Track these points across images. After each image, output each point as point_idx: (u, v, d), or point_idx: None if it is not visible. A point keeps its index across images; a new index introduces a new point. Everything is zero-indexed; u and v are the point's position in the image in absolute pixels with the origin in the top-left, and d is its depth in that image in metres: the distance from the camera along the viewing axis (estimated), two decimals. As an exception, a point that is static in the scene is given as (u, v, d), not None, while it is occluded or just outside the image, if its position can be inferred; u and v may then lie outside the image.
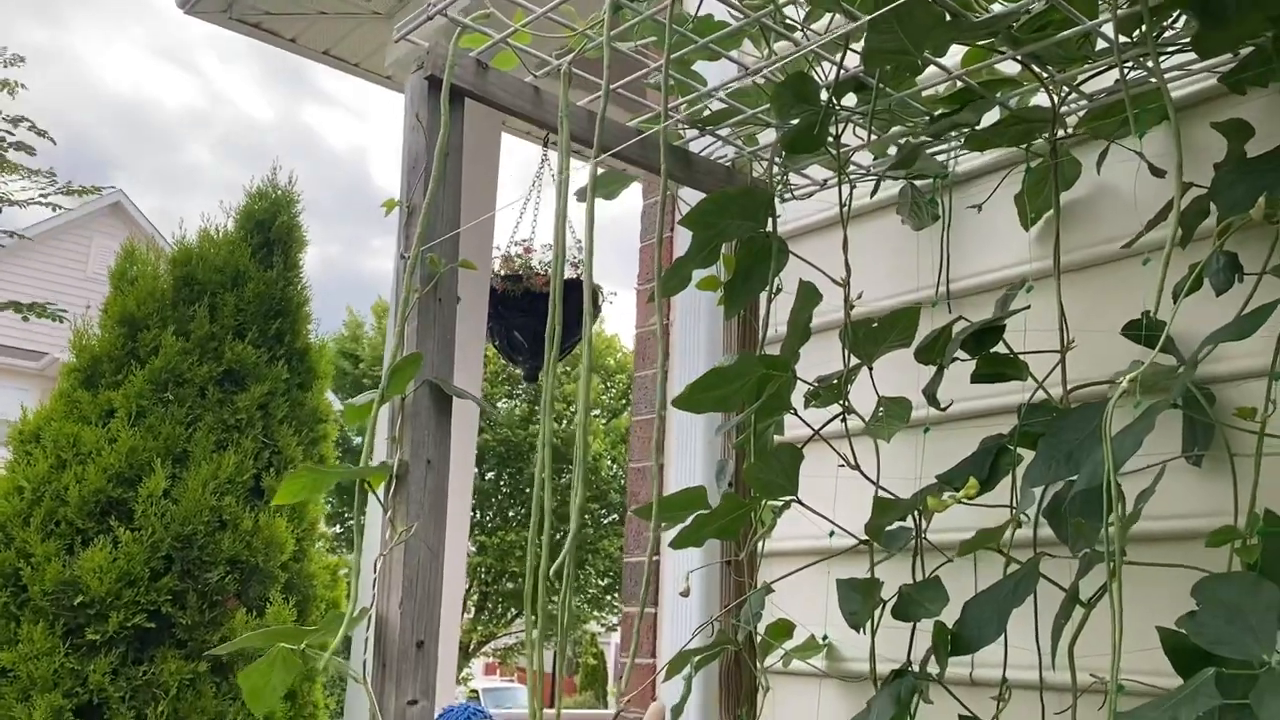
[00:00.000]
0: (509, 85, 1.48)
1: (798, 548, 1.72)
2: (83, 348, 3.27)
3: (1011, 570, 1.29)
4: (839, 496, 1.58)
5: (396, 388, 1.31)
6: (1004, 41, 1.33)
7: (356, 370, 16.50)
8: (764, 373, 1.41)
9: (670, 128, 1.72)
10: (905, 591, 1.38)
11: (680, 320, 2.21)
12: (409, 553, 1.30)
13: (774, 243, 1.50)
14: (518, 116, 1.50)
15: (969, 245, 1.73)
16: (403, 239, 1.41)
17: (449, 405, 1.38)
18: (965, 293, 1.70)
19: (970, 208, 1.63)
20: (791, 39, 1.41)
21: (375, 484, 1.26)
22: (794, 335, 1.44)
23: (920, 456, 1.57)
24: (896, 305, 1.77)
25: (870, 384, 1.49)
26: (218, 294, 3.30)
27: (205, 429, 3.16)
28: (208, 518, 3.06)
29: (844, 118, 1.55)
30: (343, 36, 3.88)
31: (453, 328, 1.40)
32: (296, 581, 3.26)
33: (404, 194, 1.43)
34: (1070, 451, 1.19)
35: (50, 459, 3.09)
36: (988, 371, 1.43)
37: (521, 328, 3.48)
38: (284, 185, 3.56)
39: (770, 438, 1.60)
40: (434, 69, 1.41)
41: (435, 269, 1.37)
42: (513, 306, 3.43)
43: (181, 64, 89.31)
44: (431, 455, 1.35)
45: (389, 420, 1.36)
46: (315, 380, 3.46)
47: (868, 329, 1.51)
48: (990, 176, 1.70)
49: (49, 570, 2.92)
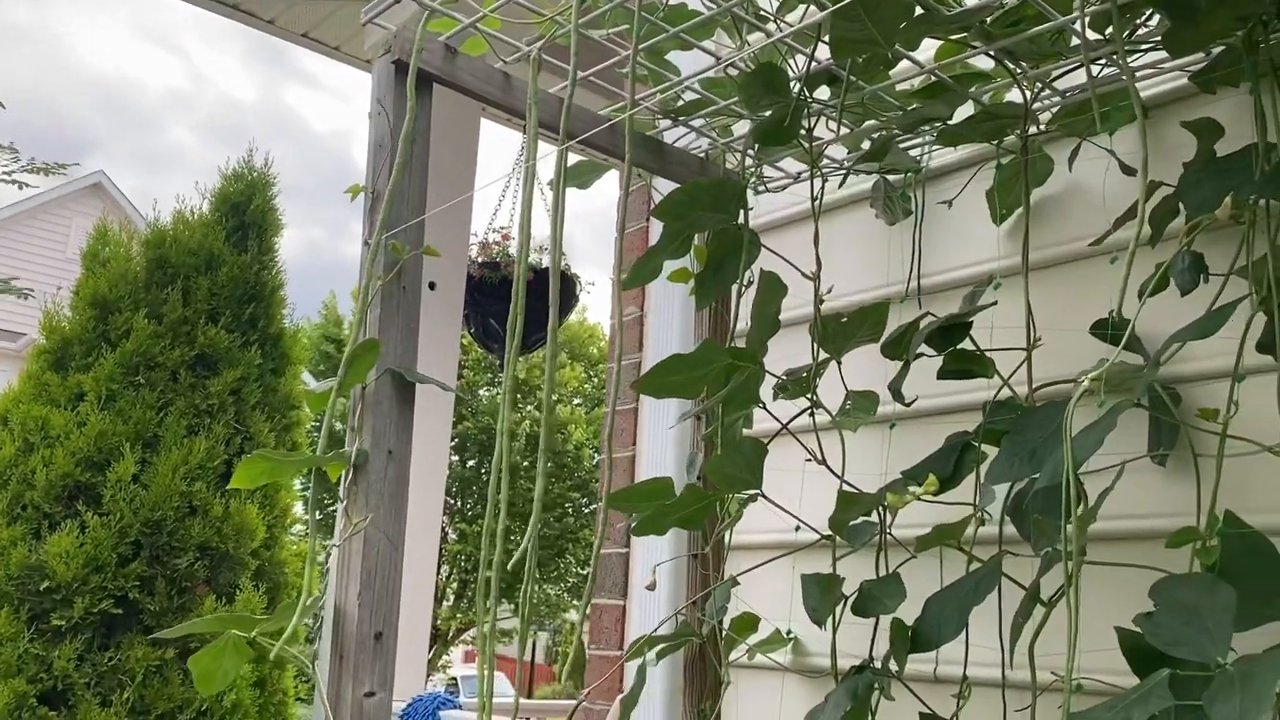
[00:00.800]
0: (478, 71, 1.46)
1: (764, 541, 1.71)
2: (53, 329, 3.23)
3: (974, 568, 1.28)
4: (805, 491, 1.57)
5: (356, 376, 1.29)
6: (976, 36, 1.32)
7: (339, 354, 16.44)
8: (730, 363, 1.40)
9: (643, 117, 1.70)
10: (865, 588, 1.37)
11: (655, 310, 2.20)
12: (368, 543, 1.29)
13: (745, 235, 1.48)
14: (487, 103, 1.49)
15: (941, 241, 1.72)
16: (367, 225, 1.39)
17: (412, 394, 1.36)
18: (937, 289, 1.69)
19: (941, 203, 1.62)
20: (764, 29, 1.40)
21: (333, 473, 1.24)
22: (760, 327, 1.43)
23: (886, 452, 1.56)
24: (867, 300, 1.76)
25: (839, 378, 1.48)
26: (191, 277, 3.27)
27: (176, 414, 3.13)
28: (178, 503, 3.04)
29: (816, 111, 1.54)
30: (322, 19, 3.85)
31: (416, 315, 1.39)
32: (267, 569, 3.24)
33: (369, 179, 1.41)
34: (1034, 450, 1.19)
35: (18, 442, 3.06)
36: (954, 368, 1.42)
37: (498, 315, 3.47)
38: (260, 167, 3.52)
39: (738, 430, 1.59)
40: (401, 53, 1.39)
41: (398, 255, 1.36)
42: (490, 294, 3.42)
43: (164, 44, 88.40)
44: (393, 445, 1.34)
45: (330, 408, 1.35)
46: (289, 366, 3.44)
47: (837, 324, 1.50)
48: (963, 172, 1.69)
49: (14, 555, 2.89)
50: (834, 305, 1.60)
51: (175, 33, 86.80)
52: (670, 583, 1.87)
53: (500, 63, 1.49)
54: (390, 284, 1.35)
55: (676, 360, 1.36)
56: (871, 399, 1.53)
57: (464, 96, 1.50)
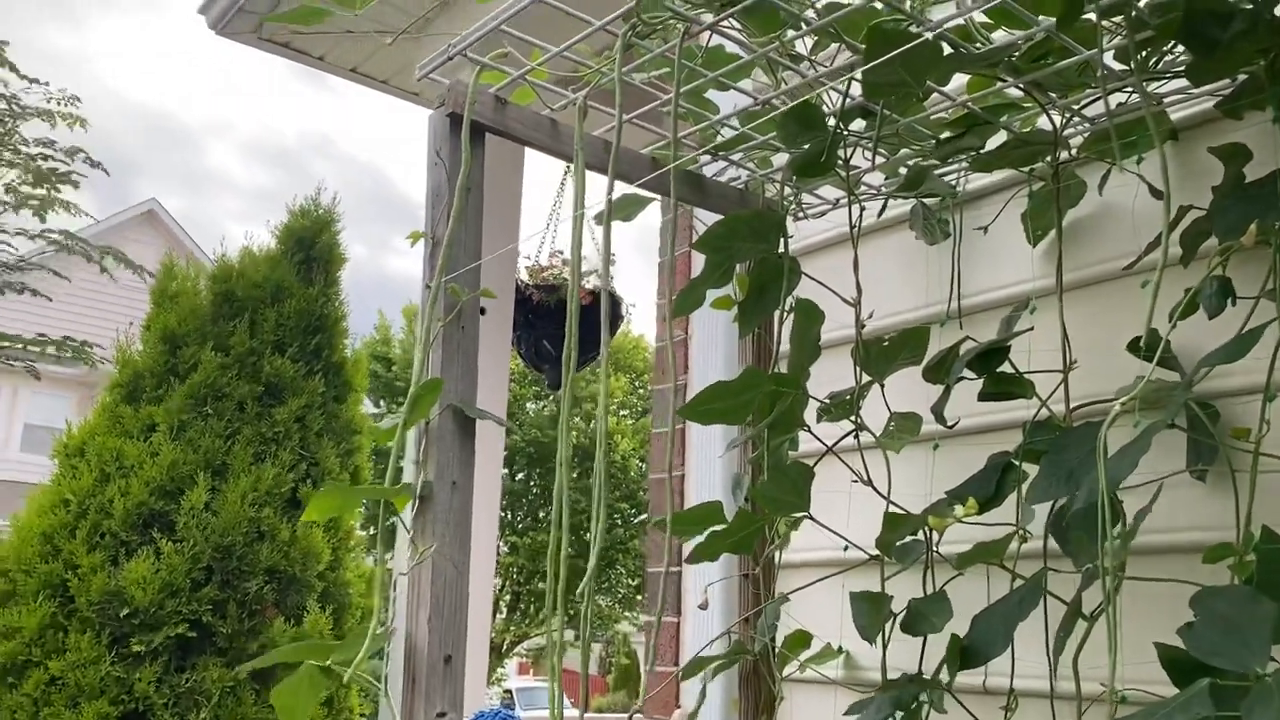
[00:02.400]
0: (527, 119, 1.54)
1: (813, 559, 1.76)
2: (125, 363, 3.37)
3: (1018, 585, 1.33)
4: (853, 510, 1.62)
5: (420, 413, 1.37)
6: (1005, 71, 1.37)
7: (389, 373, 16.66)
8: (773, 389, 1.46)
9: (683, 153, 1.77)
10: (914, 606, 1.42)
11: (698, 335, 2.26)
12: (435, 571, 1.36)
13: (786, 263, 1.54)
14: (536, 148, 1.56)
15: (977, 262, 1.76)
16: (427, 270, 1.47)
17: (472, 428, 1.44)
18: (973, 310, 1.74)
19: (977, 229, 1.67)
20: (798, 70, 1.46)
21: (400, 505, 1.32)
22: (802, 352, 1.48)
23: (931, 472, 1.61)
24: (906, 321, 1.82)
25: (882, 400, 1.54)
26: (258, 310, 3.40)
27: (244, 442, 3.26)
28: (246, 529, 3.15)
29: (852, 142, 1.60)
30: (370, 55, 3.96)
31: (475, 354, 1.46)
32: (332, 590, 3.35)
33: (428, 226, 1.49)
34: (1071, 470, 1.23)
35: (95, 472, 3.20)
36: (994, 390, 1.47)
37: (551, 337, 3.54)
38: (326, 205, 3.65)
39: (784, 454, 1.64)
40: (455, 106, 1.48)
41: (457, 298, 1.43)
42: (544, 316, 3.49)
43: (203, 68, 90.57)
44: (456, 477, 1.41)
45: (415, 441, 1.43)
46: (351, 393, 3.55)
47: (879, 347, 1.56)
48: (997, 195, 1.73)
49: (95, 581, 3.02)
50: (874, 326, 1.66)
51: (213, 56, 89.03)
52: (722, 600, 1.93)
53: (547, 110, 1.57)
54: (450, 325, 1.43)
55: (719, 387, 1.42)
56: (914, 420, 1.58)
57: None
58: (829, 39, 1.47)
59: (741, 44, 1.39)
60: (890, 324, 1.83)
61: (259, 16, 3.73)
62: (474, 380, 1.45)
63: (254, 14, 3.71)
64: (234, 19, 3.74)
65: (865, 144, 1.62)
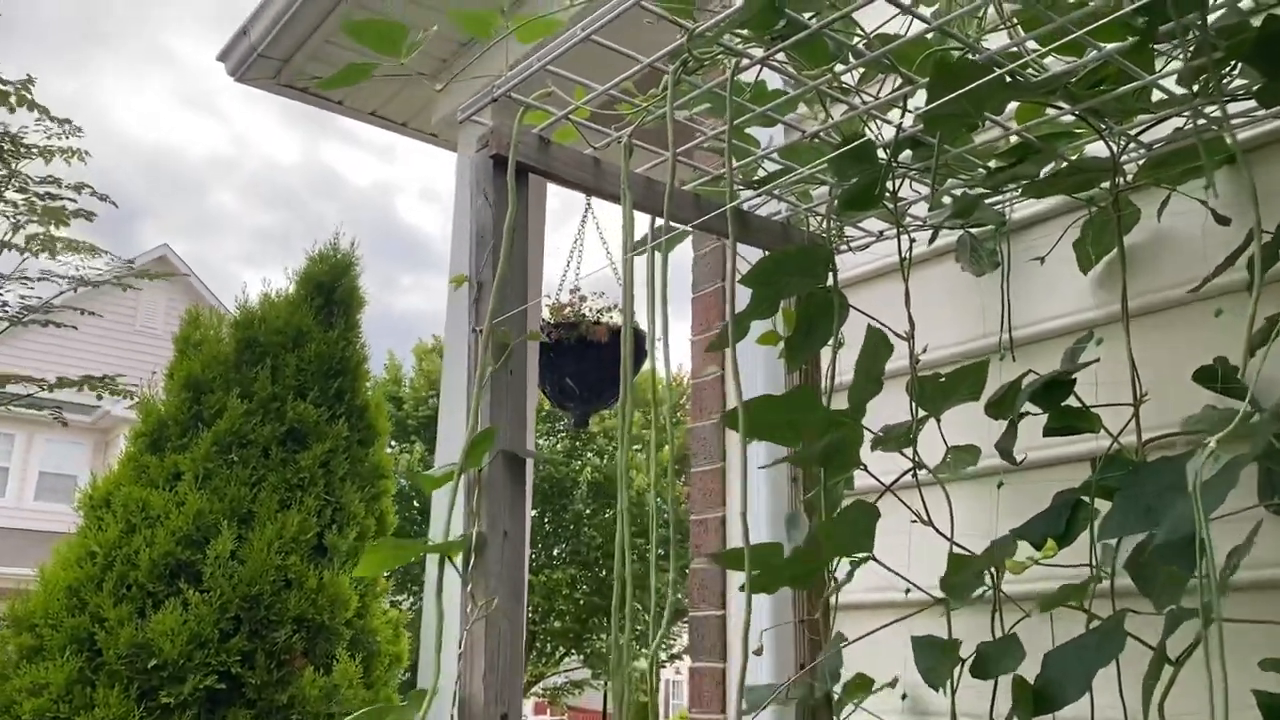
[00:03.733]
0: (570, 159, 1.52)
1: (871, 600, 1.71)
2: (149, 412, 3.35)
3: (1094, 626, 1.28)
4: (913, 551, 1.57)
5: (474, 460, 1.33)
6: (1062, 98, 1.34)
7: (400, 412, 16.64)
8: (828, 417, 1.43)
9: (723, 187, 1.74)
10: (983, 649, 1.37)
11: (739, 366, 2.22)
12: (490, 626, 1.32)
13: (835, 298, 1.51)
14: (581, 189, 1.54)
15: (1028, 293, 1.73)
16: (473, 314, 1.44)
17: (523, 474, 1.40)
18: (1026, 341, 1.70)
19: (1033, 260, 1.63)
20: (848, 101, 1.44)
21: (455, 556, 1.28)
22: (866, 385, 1.44)
23: (994, 510, 1.56)
24: (955, 355, 1.78)
25: (939, 435, 1.50)
26: (279, 355, 3.38)
27: (269, 489, 3.22)
28: (273, 577, 3.11)
29: (900, 174, 1.57)
30: (389, 98, 3.97)
31: (524, 398, 1.43)
32: (361, 637, 3.30)
33: (472, 270, 1.46)
34: (1149, 506, 1.18)
35: (120, 524, 3.16)
36: (1059, 425, 1.42)
37: (574, 375, 3.51)
38: (345, 249, 3.64)
39: (839, 492, 1.61)
40: (499, 148, 1.45)
41: (506, 342, 1.40)
42: (566, 354, 3.46)
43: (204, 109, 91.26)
44: (508, 526, 1.37)
45: (463, 489, 1.39)
46: (375, 436, 3.52)
47: (935, 383, 1.52)
48: (1048, 224, 1.70)
49: (122, 634, 2.98)
50: (926, 360, 1.62)
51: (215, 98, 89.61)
52: (773, 646, 1.88)
53: (589, 149, 1.54)
54: (499, 370, 1.40)
55: (771, 400, 1.37)
56: (972, 452, 1.55)
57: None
58: (877, 70, 1.45)
59: (792, 76, 1.36)
60: (937, 357, 1.79)
61: (278, 62, 3.74)
62: (524, 424, 1.42)
63: (274, 60, 3.72)
64: (253, 65, 3.75)
65: (913, 175, 1.59)
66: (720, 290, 2.33)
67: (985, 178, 1.54)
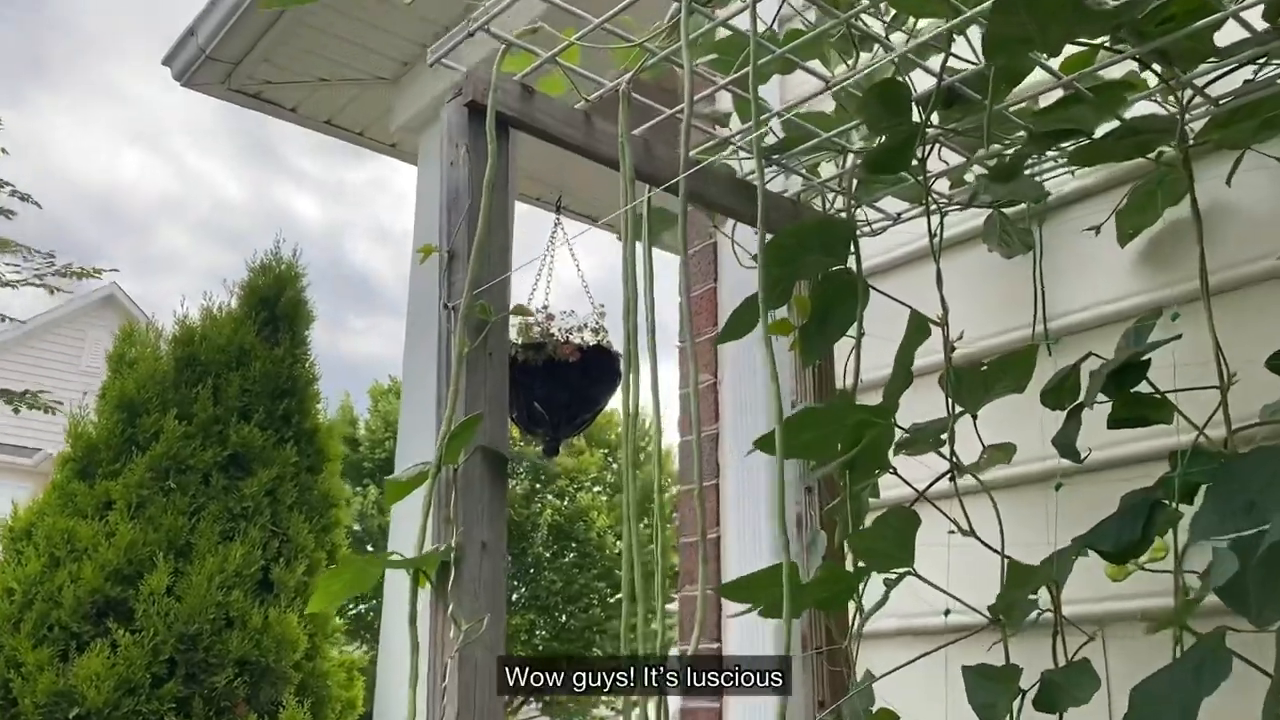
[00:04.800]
0: (557, 112, 1.32)
1: (898, 627, 1.51)
2: (78, 436, 3.06)
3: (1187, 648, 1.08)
4: (951, 567, 1.37)
5: (452, 456, 1.11)
6: (1129, 35, 1.17)
7: (356, 455, 16.20)
8: (863, 419, 1.23)
9: (728, 159, 1.55)
10: (1050, 678, 1.16)
11: (729, 378, 2.02)
12: (464, 658, 1.09)
13: (859, 281, 1.32)
14: (568, 147, 1.33)
15: (1066, 276, 1.55)
16: (444, 287, 1.23)
17: (504, 474, 1.18)
18: (1066, 331, 1.52)
19: (1087, 230, 1.45)
20: (883, 41, 1.25)
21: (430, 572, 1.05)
22: (900, 376, 1.25)
23: (1050, 517, 1.36)
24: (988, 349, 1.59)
25: (975, 435, 1.31)
26: (221, 374, 3.11)
27: (209, 519, 2.95)
28: (213, 615, 2.83)
29: (931, 138, 1.39)
30: (345, 105, 3.76)
31: (505, 384, 1.21)
32: (310, 682, 3.01)
33: (443, 238, 1.25)
34: (1251, 501, 0.99)
35: (43, 557, 2.87)
36: (1127, 415, 1.23)
37: (543, 398, 3.29)
38: (288, 258, 3.39)
39: (865, 501, 1.40)
40: (475, 94, 1.24)
41: (485, 318, 1.19)
42: (534, 376, 3.24)
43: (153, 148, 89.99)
44: (486, 536, 1.15)
45: (426, 497, 1.16)
46: (326, 463, 3.25)
47: (974, 373, 1.32)
48: (1087, 202, 1.53)
49: (41, 681, 2.67)
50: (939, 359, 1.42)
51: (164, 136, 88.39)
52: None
53: (580, 103, 1.34)
54: (476, 351, 1.18)
55: (809, 416, 1.18)
56: (1007, 449, 1.36)
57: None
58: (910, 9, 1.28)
59: (822, 7, 1.18)
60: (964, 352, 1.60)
61: (228, 65, 3.52)
62: (503, 417, 1.20)
63: (222, 62, 3.50)
64: (201, 69, 3.53)
65: (945, 140, 1.41)
66: (713, 291, 2.13)
67: (1028, 140, 1.36)
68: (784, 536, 1.04)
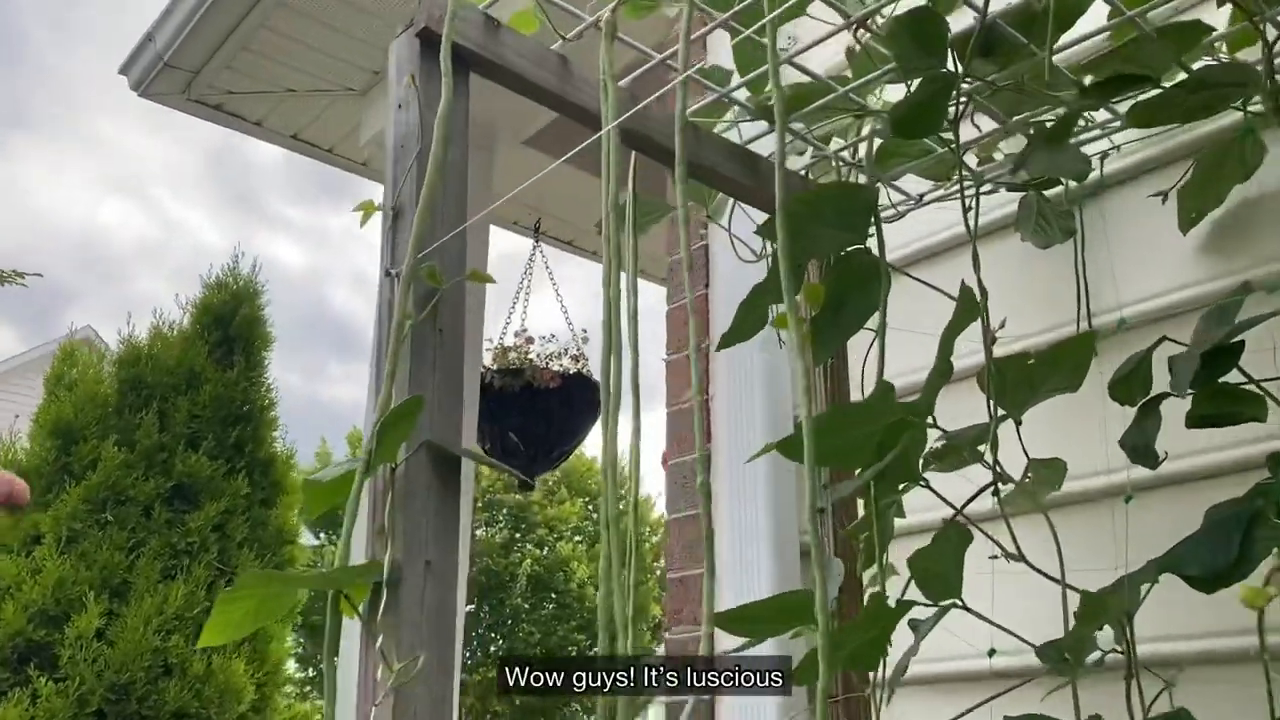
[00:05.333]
0: (528, 51, 1.11)
1: (929, 673, 1.28)
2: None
3: None
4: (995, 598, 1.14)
5: (386, 452, 0.88)
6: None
7: (331, 502, 15.82)
8: (902, 420, 1.02)
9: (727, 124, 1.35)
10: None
11: (726, 390, 1.80)
12: (402, 701, 0.86)
13: (882, 265, 1.12)
14: (540, 94, 1.12)
15: (1119, 264, 1.35)
16: (388, 251, 1.01)
17: (457, 479, 0.96)
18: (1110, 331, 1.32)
19: (1153, 195, 1.25)
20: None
21: (358, 596, 0.82)
22: (941, 368, 1.04)
23: (1121, 537, 1.14)
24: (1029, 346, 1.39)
25: (1017, 443, 1.09)
26: (169, 398, 2.87)
27: (150, 555, 2.69)
28: (149, 662, 2.56)
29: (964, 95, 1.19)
30: (314, 118, 3.56)
31: (459, 367, 0.99)
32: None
33: (389, 193, 1.04)
34: (1390, 511, 0.78)
35: (-40, 597, 2.60)
36: (1213, 412, 1.02)
37: (519, 428, 3.06)
38: (246, 274, 3.16)
39: (891, 522, 1.19)
40: (429, 21, 1.04)
41: (435, 284, 0.97)
42: (510, 405, 3.02)
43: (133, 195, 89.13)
44: (433, 554, 0.92)
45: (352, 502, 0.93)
46: (280, 495, 3.00)
47: (1021, 367, 1.11)
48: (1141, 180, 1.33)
49: (-51, 735, 2.40)
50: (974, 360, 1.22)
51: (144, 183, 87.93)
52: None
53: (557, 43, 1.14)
54: (424, 324, 0.96)
55: (839, 415, 0.97)
56: (1057, 468, 1.15)
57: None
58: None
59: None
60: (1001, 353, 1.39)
61: (187, 74, 3.32)
62: (458, 406, 0.98)
63: (182, 70, 3.30)
64: (159, 77, 3.33)
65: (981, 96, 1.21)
66: (704, 299, 1.92)
67: (1080, 95, 1.16)
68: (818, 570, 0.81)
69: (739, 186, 1.32)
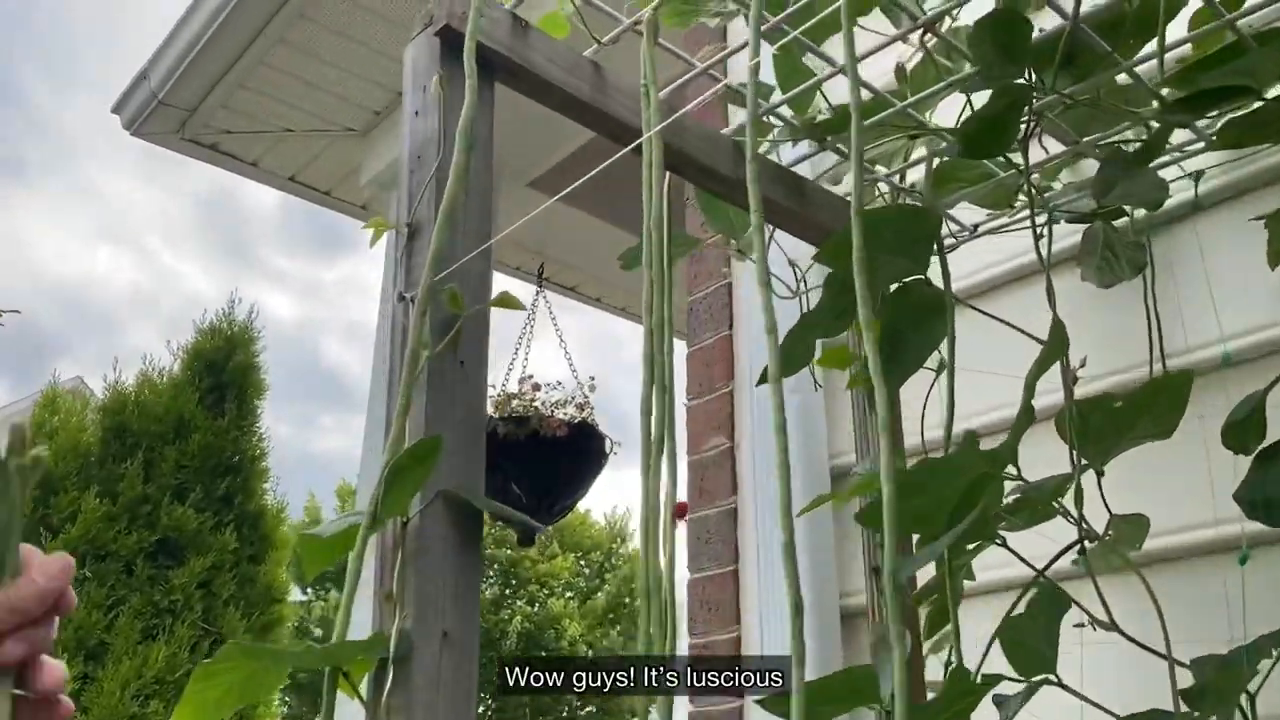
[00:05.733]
0: (558, 55, 1.00)
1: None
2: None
3: None
4: (1085, 670, 1.01)
5: (396, 502, 0.75)
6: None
7: (320, 556, 15.56)
8: (985, 473, 0.89)
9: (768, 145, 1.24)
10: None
11: (751, 435, 1.67)
12: (414, 802, 0.72)
13: (946, 294, 1.00)
14: (572, 108, 1.01)
15: (1185, 306, 1.23)
16: (401, 272, 0.89)
17: (477, 534, 0.83)
18: (1203, 366, 1.20)
19: (1254, 220, 1.14)
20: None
21: (357, 674, 0.69)
22: (1027, 411, 0.91)
23: (1230, 601, 1.01)
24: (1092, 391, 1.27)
25: (1094, 493, 0.97)
26: (155, 447, 2.73)
27: (130, 614, 2.53)
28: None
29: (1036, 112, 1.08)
30: (312, 159, 3.46)
31: (483, 406, 0.86)
32: (239, 811, 2.56)
33: (405, 207, 0.92)
34: None
35: (-74, 659, 2.43)
36: (1340, 458, 0.90)
37: (523, 480, 2.92)
38: (242, 320, 3.03)
39: (961, 584, 1.06)
40: (451, 19, 0.93)
41: (457, 310, 0.84)
42: (513, 453, 2.88)
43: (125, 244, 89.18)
44: (450, 623, 0.78)
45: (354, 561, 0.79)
46: (270, 550, 2.85)
47: (1106, 410, 0.99)
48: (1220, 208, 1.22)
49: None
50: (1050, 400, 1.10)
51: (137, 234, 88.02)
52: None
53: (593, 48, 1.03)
54: (442, 355, 0.83)
55: (923, 473, 0.84)
56: (1139, 525, 1.03)
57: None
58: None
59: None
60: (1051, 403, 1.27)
61: (183, 113, 3.22)
62: (481, 449, 0.85)
63: (177, 109, 3.20)
64: (152, 116, 3.23)
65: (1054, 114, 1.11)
66: (728, 340, 1.80)
67: (1164, 110, 1.06)
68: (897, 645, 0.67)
69: (783, 211, 1.20)
